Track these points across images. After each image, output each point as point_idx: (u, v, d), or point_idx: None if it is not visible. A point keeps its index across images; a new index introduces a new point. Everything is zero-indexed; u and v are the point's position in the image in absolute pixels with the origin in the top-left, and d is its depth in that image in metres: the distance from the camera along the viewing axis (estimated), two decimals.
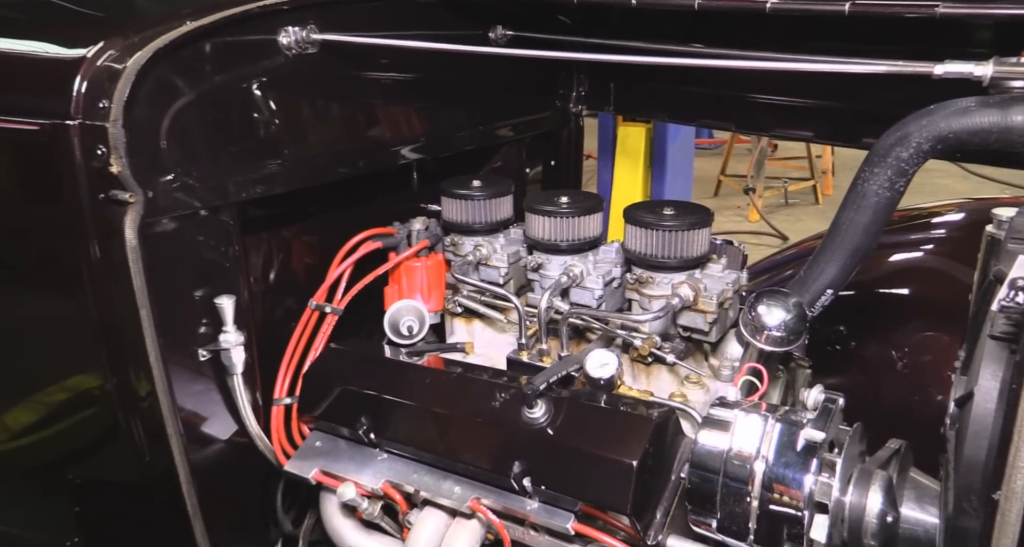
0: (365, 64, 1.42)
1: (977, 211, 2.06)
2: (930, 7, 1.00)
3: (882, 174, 1.05)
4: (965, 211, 2.12)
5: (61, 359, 1.25)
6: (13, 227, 1.17)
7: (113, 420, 1.20)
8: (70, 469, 1.36)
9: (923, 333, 1.82)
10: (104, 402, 1.21)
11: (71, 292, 1.14)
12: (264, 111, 1.26)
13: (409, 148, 1.56)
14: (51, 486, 1.41)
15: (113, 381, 1.17)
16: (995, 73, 0.96)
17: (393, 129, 1.53)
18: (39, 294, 1.23)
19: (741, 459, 1.00)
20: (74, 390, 1.26)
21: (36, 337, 1.28)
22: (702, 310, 1.24)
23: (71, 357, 1.23)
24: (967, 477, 0.90)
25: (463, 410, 1.21)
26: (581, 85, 1.95)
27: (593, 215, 1.38)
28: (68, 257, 1.11)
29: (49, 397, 1.28)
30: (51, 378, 1.26)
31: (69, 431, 1.31)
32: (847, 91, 1.40)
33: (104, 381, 1.18)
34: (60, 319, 1.22)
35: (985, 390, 0.90)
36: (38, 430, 1.34)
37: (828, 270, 1.13)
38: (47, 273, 1.19)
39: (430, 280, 1.57)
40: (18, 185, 1.16)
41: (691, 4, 1.18)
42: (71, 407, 1.27)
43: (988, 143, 0.97)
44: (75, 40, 1.08)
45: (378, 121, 1.50)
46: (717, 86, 1.66)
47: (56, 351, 1.25)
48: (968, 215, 2.08)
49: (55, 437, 1.32)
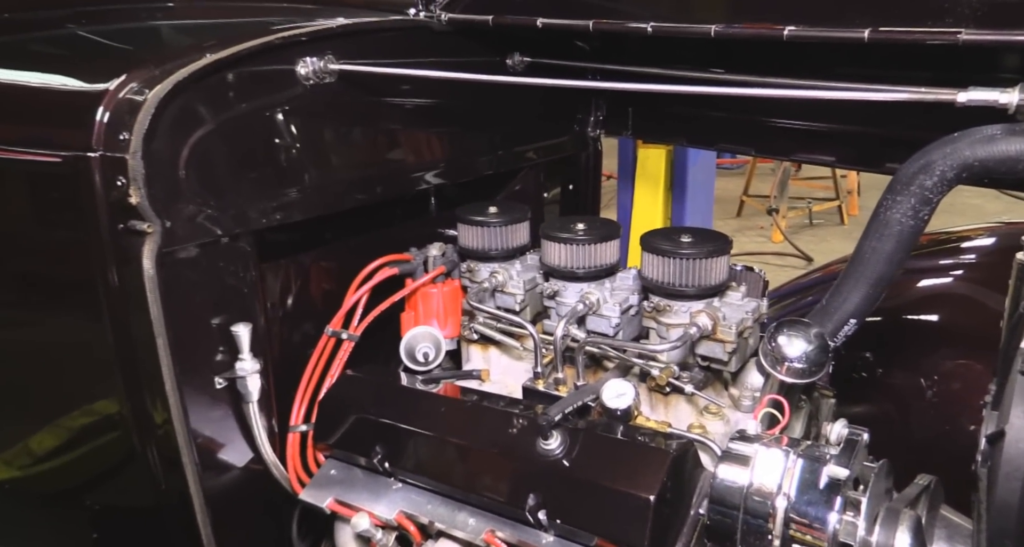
0: (382, 92, 1.43)
1: (1008, 235, 2.01)
2: (952, 34, 0.98)
3: (905, 202, 1.03)
4: (996, 235, 2.07)
5: (78, 387, 1.26)
6: (33, 256, 1.19)
7: (129, 447, 1.20)
8: (86, 495, 1.37)
9: (953, 361, 1.77)
10: (120, 429, 1.21)
11: (89, 320, 1.16)
12: (282, 140, 1.27)
13: (426, 174, 1.56)
14: (68, 512, 1.41)
15: (129, 409, 1.17)
16: (1021, 101, 0.94)
17: (410, 156, 1.54)
18: (57, 322, 1.24)
19: (762, 496, 0.97)
20: (91, 417, 1.26)
21: (54, 364, 1.29)
22: (721, 339, 1.21)
23: (88, 385, 1.24)
24: (1001, 519, 0.86)
25: (478, 440, 1.19)
26: (599, 110, 1.94)
27: (610, 242, 1.36)
28: (86, 286, 1.12)
29: (66, 424, 1.29)
30: (68, 405, 1.27)
31: (85, 458, 1.31)
32: (869, 117, 1.38)
33: (120, 409, 1.19)
34: (78, 347, 1.23)
35: (1017, 429, 0.87)
36: (55, 456, 1.34)
37: (851, 299, 1.10)
38: (65, 302, 1.20)
39: (446, 306, 1.56)
40: (39, 215, 1.18)
41: (707, 32, 1.17)
42: (88, 434, 1.27)
43: (1016, 171, 0.95)
44: (96, 73, 1.10)
45: (395, 148, 1.51)
46: (736, 111, 1.64)
47: (73, 379, 1.26)
48: (999, 239, 2.04)
49: (72, 463, 1.33)
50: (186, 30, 1.57)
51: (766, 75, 1.34)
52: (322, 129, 1.34)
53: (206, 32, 1.55)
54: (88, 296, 1.12)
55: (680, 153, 3.41)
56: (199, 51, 1.12)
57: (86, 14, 1.44)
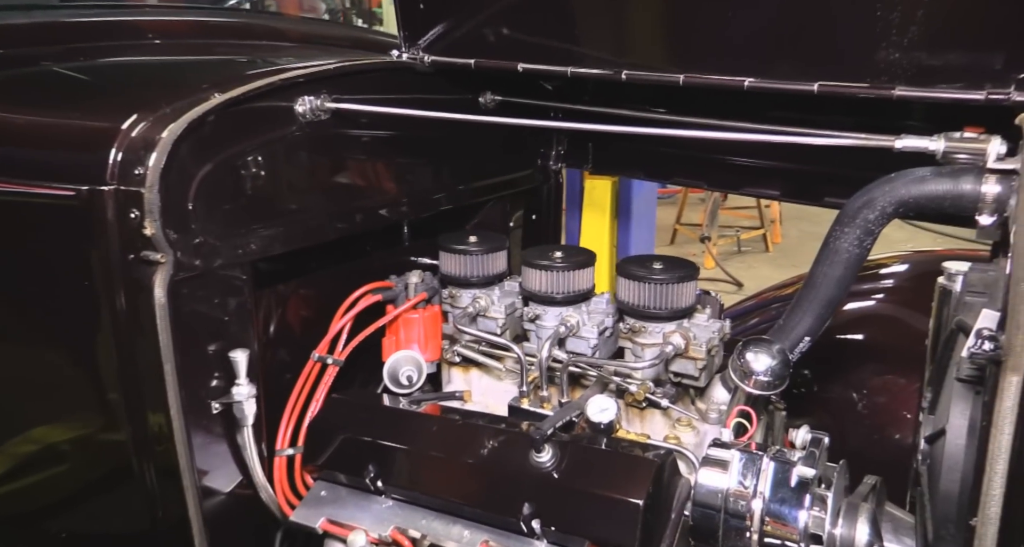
0: (368, 129, 1.51)
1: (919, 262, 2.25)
2: (888, 89, 1.14)
3: (851, 233, 1.17)
4: (909, 262, 2.30)
5: (80, 412, 1.27)
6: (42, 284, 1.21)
7: (129, 472, 1.22)
8: (83, 520, 1.36)
9: (879, 376, 1.95)
10: (121, 455, 1.23)
11: (95, 347, 1.18)
12: (280, 174, 1.33)
13: (405, 206, 1.64)
14: (67, 537, 1.40)
15: (130, 434, 1.20)
16: (945, 147, 1.10)
17: (392, 188, 1.62)
18: (62, 349, 1.25)
19: (740, 496, 1.08)
20: (92, 444, 1.27)
21: (55, 390, 1.29)
22: (693, 357, 1.33)
23: (90, 410, 1.25)
24: (944, 507, 1.00)
25: (472, 455, 1.26)
26: (561, 144, 2.07)
27: (586, 269, 1.47)
28: (95, 315, 1.14)
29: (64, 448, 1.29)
30: (70, 431, 1.28)
31: (83, 482, 1.31)
32: (813, 156, 1.54)
33: (122, 434, 1.21)
34: (81, 373, 1.24)
35: (956, 428, 1.01)
36: (55, 481, 1.34)
37: (805, 319, 1.24)
38: (72, 329, 1.22)
39: (427, 331, 1.63)
40: (52, 246, 1.19)
41: (676, 80, 1.31)
42: (86, 459, 1.28)
43: (943, 207, 1.10)
44: (105, 111, 1.14)
45: (379, 181, 1.58)
46: (691, 148, 1.79)
47: (75, 405, 1.27)
48: (912, 266, 2.27)
49: (69, 487, 1.33)
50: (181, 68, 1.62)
51: (720, 115, 1.48)
52: (315, 163, 1.41)
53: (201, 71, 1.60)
54: (96, 325, 1.15)
55: (624, 183, 3.60)
56: (206, 91, 1.18)
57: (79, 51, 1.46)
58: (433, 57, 1.56)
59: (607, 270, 3.24)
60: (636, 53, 1.39)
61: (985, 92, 1.09)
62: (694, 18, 1.29)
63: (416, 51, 1.58)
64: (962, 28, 1.09)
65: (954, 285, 1.33)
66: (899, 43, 1.12)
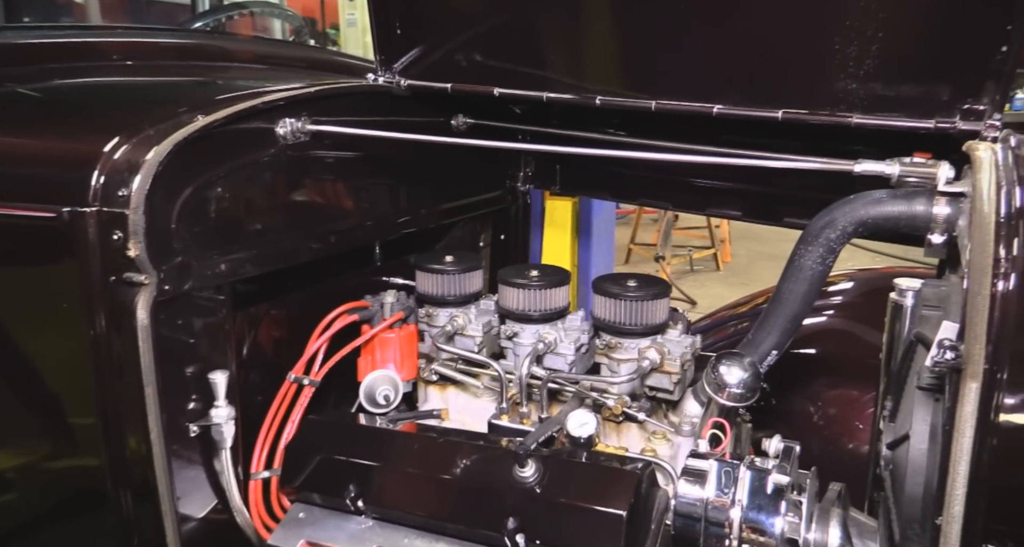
0: (346, 150, 1.53)
1: (865, 280, 2.37)
2: (846, 117, 1.22)
3: (815, 251, 1.24)
4: (855, 280, 2.42)
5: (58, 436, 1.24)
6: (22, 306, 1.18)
7: (105, 498, 1.19)
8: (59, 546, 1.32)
9: (834, 388, 2.04)
10: (98, 479, 1.20)
11: (75, 370, 1.16)
12: (261, 195, 1.34)
13: (379, 226, 1.66)
14: None
15: (109, 458, 1.17)
16: (900, 172, 1.18)
17: (367, 208, 1.64)
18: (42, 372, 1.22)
19: (719, 504, 1.12)
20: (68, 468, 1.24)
21: (34, 414, 1.26)
22: (668, 371, 1.38)
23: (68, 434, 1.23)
24: (909, 509, 1.06)
25: (455, 472, 1.28)
26: (529, 166, 2.12)
27: (561, 287, 1.51)
28: (75, 337, 1.12)
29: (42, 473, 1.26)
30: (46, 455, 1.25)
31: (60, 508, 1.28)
32: (774, 178, 1.62)
33: (100, 459, 1.18)
34: (61, 396, 1.21)
35: (918, 434, 1.07)
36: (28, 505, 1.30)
37: (773, 334, 1.30)
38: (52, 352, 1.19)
39: (403, 350, 1.64)
40: (31, 268, 1.17)
41: (648, 106, 1.37)
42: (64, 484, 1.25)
43: (898, 227, 1.18)
44: (86, 132, 1.14)
45: (355, 201, 1.60)
46: (657, 170, 1.86)
47: (53, 428, 1.24)
48: (858, 283, 2.38)
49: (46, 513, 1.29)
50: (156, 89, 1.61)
51: (684, 138, 1.55)
52: (294, 184, 1.42)
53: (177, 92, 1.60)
54: (75, 345, 1.13)
55: (585, 204, 3.68)
56: (189, 113, 1.19)
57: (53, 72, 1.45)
58: (410, 81, 1.59)
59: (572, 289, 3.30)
60: (609, 79, 1.45)
61: (934, 121, 1.18)
62: (665, 47, 1.36)
63: (392, 75, 1.61)
64: (912, 62, 1.18)
65: (905, 300, 1.41)
66: (856, 75, 1.20)
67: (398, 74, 1.61)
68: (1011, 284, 0.88)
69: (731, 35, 1.29)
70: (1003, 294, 0.88)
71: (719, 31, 1.31)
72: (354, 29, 7.41)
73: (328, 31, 7.54)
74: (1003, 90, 1.10)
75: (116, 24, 2.15)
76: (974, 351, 0.88)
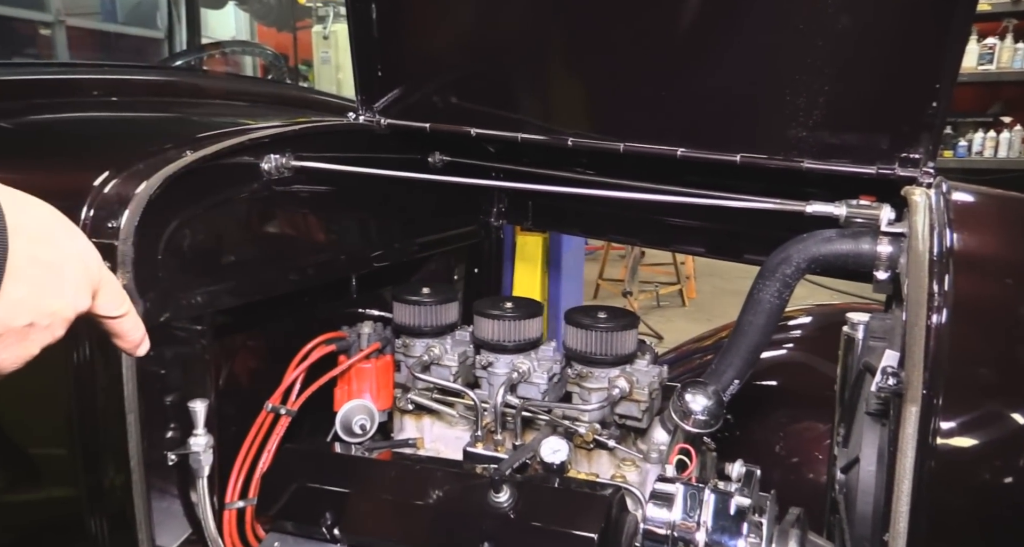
0: (326, 186, 1.59)
1: (822, 315, 2.48)
2: (798, 162, 1.32)
3: (772, 286, 1.33)
4: (812, 315, 2.53)
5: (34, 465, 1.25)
6: None
7: (82, 529, 1.20)
8: None
9: (793, 419, 2.12)
10: (74, 509, 1.20)
11: (55, 399, 1.17)
12: (243, 228, 1.38)
13: (356, 259, 1.71)
14: None
15: (87, 488, 1.18)
16: (847, 213, 1.28)
17: (345, 242, 1.69)
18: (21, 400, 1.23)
19: (686, 528, 1.18)
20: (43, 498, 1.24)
21: (11, 443, 1.26)
22: (637, 399, 1.44)
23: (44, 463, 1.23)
24: (860, 528, 1.12)
25: (429, 498, 1.31)
26: (502, 202, 2.20)
27: (535, 318, 1.57)
28: (56, 364, 1.14)
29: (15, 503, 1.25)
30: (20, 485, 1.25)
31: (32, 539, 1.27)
32: (735, 217, 1.72)
33: (77, 489, 1.19)
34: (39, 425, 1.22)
35: (867, 456, 1.15)
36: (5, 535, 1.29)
37: (735, 363, 1.38)
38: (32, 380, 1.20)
39: (379, 380, 1.68)
40: None
41: (617, 148, 1.46)
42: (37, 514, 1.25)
43: (847, 264, 1.28)
44: (83, 166, 1.18)
45: (333, 235, 1.65)
46: (624, 208, 1.95)
47: (30, 458, 1.25)
48: (815, 318, 2.49)
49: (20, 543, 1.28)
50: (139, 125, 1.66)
51: (650, 178, 1.64)
52: (276, 218, 1.47)
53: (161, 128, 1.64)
54: (57, 373, 1.15)
55: (555, 239, 3.76)
56: (177, 149, 1.24)
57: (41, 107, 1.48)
58: (389, 120, 1.66)
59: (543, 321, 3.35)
60: (580, 123, 1.54)
61: (876, 167, 1.28)
62: (632, 95, 1.46)
63: (372, 114, 1.68)
64: (855, 114, 1.29)
65: (857, 333, 1.50)
66: (806, 124, 1.31)
67: (378, 113, 1.68)
68: (943, 317, 0.96)
69: (693, 85, 1.39)
70: (937, 326, 0.96)
71: (682, 81, 1.42)
72: (327, 66, 7.53)
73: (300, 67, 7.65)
74: (935, 141, 1.21)
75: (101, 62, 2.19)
76: (913, 377, 0.96)
